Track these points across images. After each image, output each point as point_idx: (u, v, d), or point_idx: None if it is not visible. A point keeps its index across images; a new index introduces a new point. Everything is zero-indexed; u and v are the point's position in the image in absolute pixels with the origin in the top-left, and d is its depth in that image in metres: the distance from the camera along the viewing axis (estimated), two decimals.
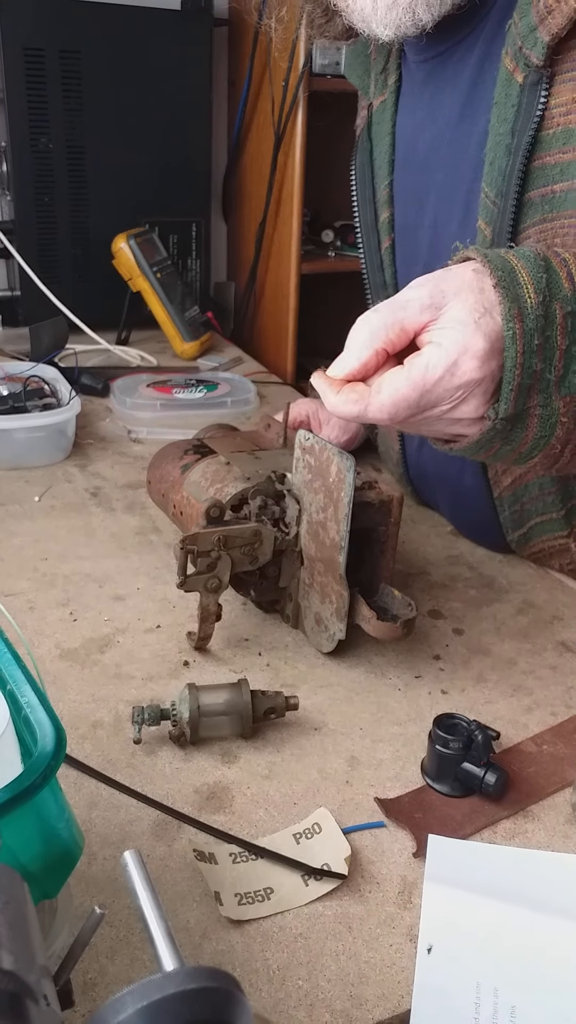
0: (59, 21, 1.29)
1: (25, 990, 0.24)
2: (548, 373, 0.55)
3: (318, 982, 0.43)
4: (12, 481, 0.93)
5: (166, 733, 0.57)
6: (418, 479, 0.93)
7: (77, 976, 0.42)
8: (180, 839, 0.51)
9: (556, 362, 0.55)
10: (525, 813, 0.54)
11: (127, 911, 0.46)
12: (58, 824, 0.33)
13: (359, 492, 0.63)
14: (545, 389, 0.55)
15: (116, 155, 1.39)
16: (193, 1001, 0.23)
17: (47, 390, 1.04)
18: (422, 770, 0.57)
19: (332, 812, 0.53)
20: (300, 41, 1.38)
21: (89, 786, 0.53)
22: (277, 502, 0.67)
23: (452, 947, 0.45)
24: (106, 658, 0.66)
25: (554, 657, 0.70)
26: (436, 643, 0.70)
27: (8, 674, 0.37)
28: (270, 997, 0.43)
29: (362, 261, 0.92)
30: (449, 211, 0.76)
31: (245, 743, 0.58)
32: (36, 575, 0.76)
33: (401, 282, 0.84)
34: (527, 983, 0.43)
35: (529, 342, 0.53)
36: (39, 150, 1.34)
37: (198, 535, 0.62)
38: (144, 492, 0.89)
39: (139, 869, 0.29)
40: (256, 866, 0.49)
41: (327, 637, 0.66)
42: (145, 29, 1.35)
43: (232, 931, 0.46)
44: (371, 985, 0.44)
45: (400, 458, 0.94)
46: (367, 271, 0.91)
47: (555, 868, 0.50)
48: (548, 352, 0.54)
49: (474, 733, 0.54)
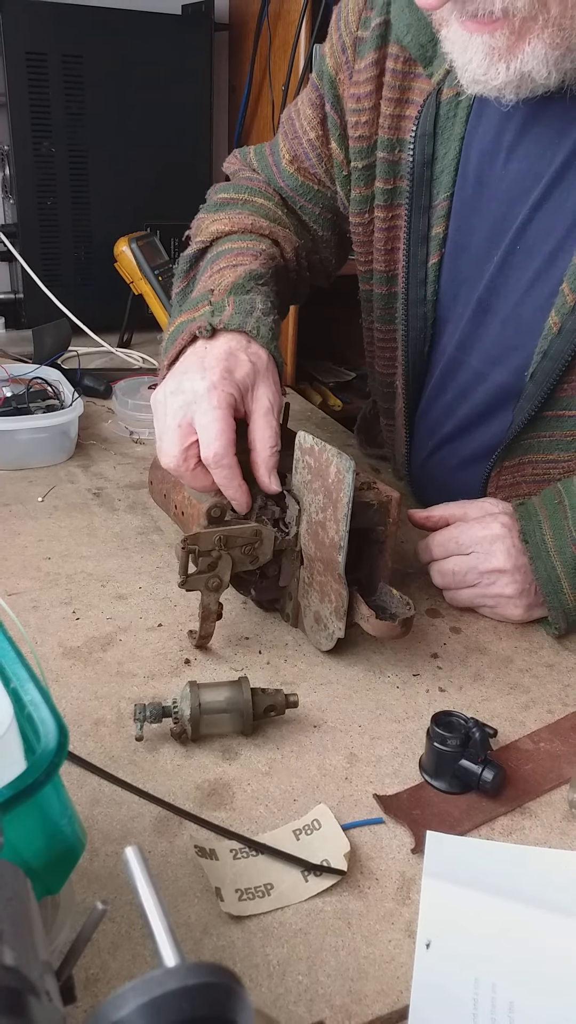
0: (61, 26, 1.29)
1: (27, 986, 0.25)
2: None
3: (318, 977, 0.44)
4: (16, 481, 0.94)
5: (167, 730, 0.58)
6: (419, 484, 0.94)
7: (79, 972, 0.43)
8: (181, 835, 0.51)
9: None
10: (522, 810, 0.55)
11: (129, 907, 0.46)
12: (61, 821, 0.34)
13: (358, 492, 0.63)
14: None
15: (118, 158, 1.40)
16: (194, 996, 0.23)
17: (50, 392, 1.05)
18: (420, 767, 0.57)
19: (331, 808, 0.53)
20: (300, 44, 1.38)
21: (91, 783, 0.53)
22: (277, 502, 0.67)
23: (450, 943, 0.45)
24: (108, 656, 0.66)
25: (551, 655, 0.70)
26: (434, 641, 0.71)
27: (11, 672, 0.38)
28: (270, 992, 0.43)
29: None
30: (527, 256, 0.73)
31: (245, 740, 0.59)
32: (39, 574, 0.77)
33: (443, 303, 0.82)
34: (525, 979, 0.44)
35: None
36: (41, 154, 1.35)
37: (199, 535, 0.63)
38: (146, 492, 0.90)
39: (141, 865, 0.29)
40: (256, 862, 0.49)
41: (326, 636, 0.66)
42: (146, 34, 1.35)
43: (232, 927, 0.46)
44: (370, 980, 0.44)
45: (405, 460, 0.94)
46: (406, 284, 0.83)
47: (552, 864, 0.51)
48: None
49: (472, 730, 0.55)
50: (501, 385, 0.78)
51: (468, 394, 0.82)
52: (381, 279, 0.86)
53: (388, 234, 0.83)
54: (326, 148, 0.87)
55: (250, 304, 0.70)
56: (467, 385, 0.82)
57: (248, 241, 0.82)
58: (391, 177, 0.80)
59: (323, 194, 0.90)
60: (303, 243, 0.90)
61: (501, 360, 0.77)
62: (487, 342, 0.78)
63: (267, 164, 0.93)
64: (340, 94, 0.83)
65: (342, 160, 0.85)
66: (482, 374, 0.80)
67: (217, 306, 0.70)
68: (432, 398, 0.87)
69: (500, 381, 0.78)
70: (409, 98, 0.77)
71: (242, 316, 0.69)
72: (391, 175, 0.80)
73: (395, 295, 0.86)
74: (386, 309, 0.88)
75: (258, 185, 0.91)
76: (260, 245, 0.82)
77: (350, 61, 0.80)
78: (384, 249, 0.84)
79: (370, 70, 0.78)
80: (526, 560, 0.70)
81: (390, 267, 0.85)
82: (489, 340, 0.78)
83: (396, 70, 0.77)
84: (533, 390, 0.74)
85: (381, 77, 0.78)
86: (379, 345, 0.91)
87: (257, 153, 0.95)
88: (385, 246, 0.84)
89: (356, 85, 0.80)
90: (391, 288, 0.86)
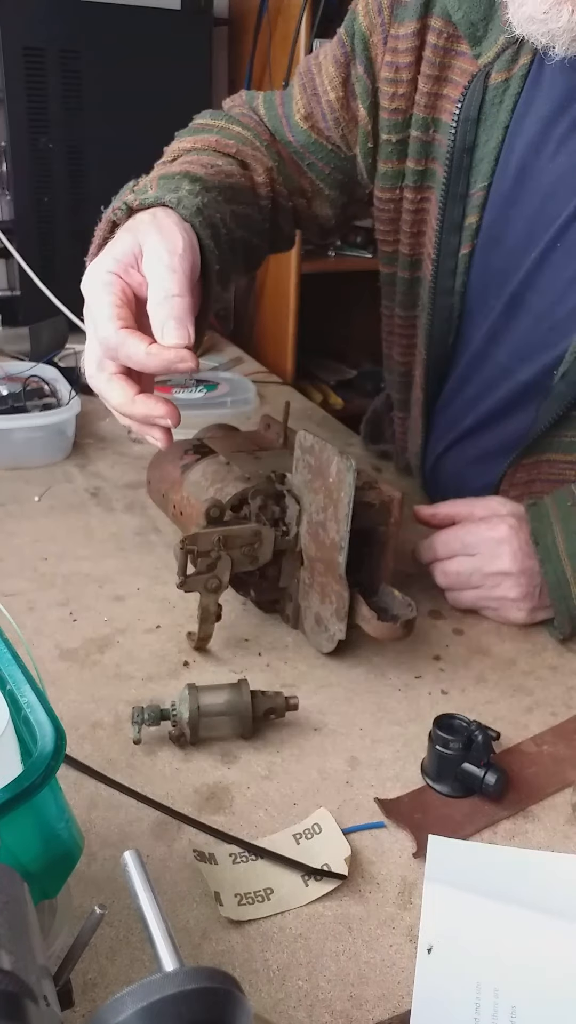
0: (59, 21, 1.29)
1: (25, 990, 0.24)
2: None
3: (318, 982, 0.43)
4: (12, 481, 0.93)
5: (166, 733, 0.57)
6: (432, 478, 0.93)
7: (77, 976, 0.42)
8: (180, 839, 0.51)
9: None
10: (525, 813, 0.54)
11: (127, 911, 0.46)
12: (58, 824, 0.33)
13: (359, 492, 0.63)
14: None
15: (115, 154, 1.39)
16: (193, 1001, 0.23)
17: (47, 390, 1.04)
18: (422, 770, 0.57)
19: (332, 812, 0.53)
20: (300, 39, 1.38)
21: (89, 786, 0.53)
22: (277, 502, 0.67)
23: (452, 948, 0.45)
24: (106, 658, 0.66)
25: (554, 657, 0.70)
26: (436, 643, 0.70)
27: (8, 674, 0.37)
28: (270, 997, 0.43)
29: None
30: (568, 254, 0.71)
31: (245, 743, 0.58)
32: (36, 575, 0.76)
33: (472, 295, 0.79)
34: (527, 984, 0.43)
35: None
36: (39, 150, 1.34)
37: (198, 535, 0.62)
38: (144, 492, 0.89)
39: (139, 869, 0.29)
40: (256, 866, 0.49)
41: (327, 637, 0.66)
42: (145, 29, 1.35)
43: (232, 931, 0.46)
44: (371, 985, 0.43)
45: (420, 453, 0.93)
46: (435, 272, 0.79)
47: (555, 869, 0.50)
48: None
49: (474, 733, 0.54)
50: (527, 382, 0.77)
51: (493, 389, 0.81)
52: (405, 263, 0.83)
53: (416, 216, 0.80)
54: (347, 112, 0.81)
55: (175, 185, 0.64)
56: (492, 380, 0.81)
57: (204, 156, 0.77)
58: (423, 158, 0.77)
59: (335, 155, 0.85)
60: (278, 168, 0.85)
61: (531, 357, 0.76)
62: (517, 338, 0.77)
63: (276, 115, 0.87)
64: (373, 57, 0.77)
65: (368, 127, 0.80)
66: (509, 369, 0.79)
67: (139, 191, 0.66)
68: (454, 390, 0.86)
69: (527, 378, 0.77)
70: (448, 76, 0.73)
71: (163, 192, 0.63)
72: (423, 155, 0.77)
73: (419, 280, 0.84)
74: (408, 294, 0.85)
75: (245, 120, 0.86)
76: (216, 161, 0.76)
77: (386, 23, 0.75)
78: (410, 232, 0.81)
79: (411, 40, 0.74)
80: (533, 563, 0.69)
81: (415, 251, 0.82)
82: (520, 336, 0.77)
83: (437, 45, 0.72)
84: (563, 389, 0.73)
85: (421, 50, 0.74)
86: (399, 332, 0.89)
87: (266, 101, 0.89)
88: (411, 228, 0.81)
89: (394, 53, 0.75)
90: (415, 273, 0.84)
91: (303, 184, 0.88)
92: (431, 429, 0.90)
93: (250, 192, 0.80)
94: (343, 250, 1.62)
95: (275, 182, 0.84)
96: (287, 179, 0.87)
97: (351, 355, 2.01)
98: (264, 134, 0.86)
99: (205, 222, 0.63)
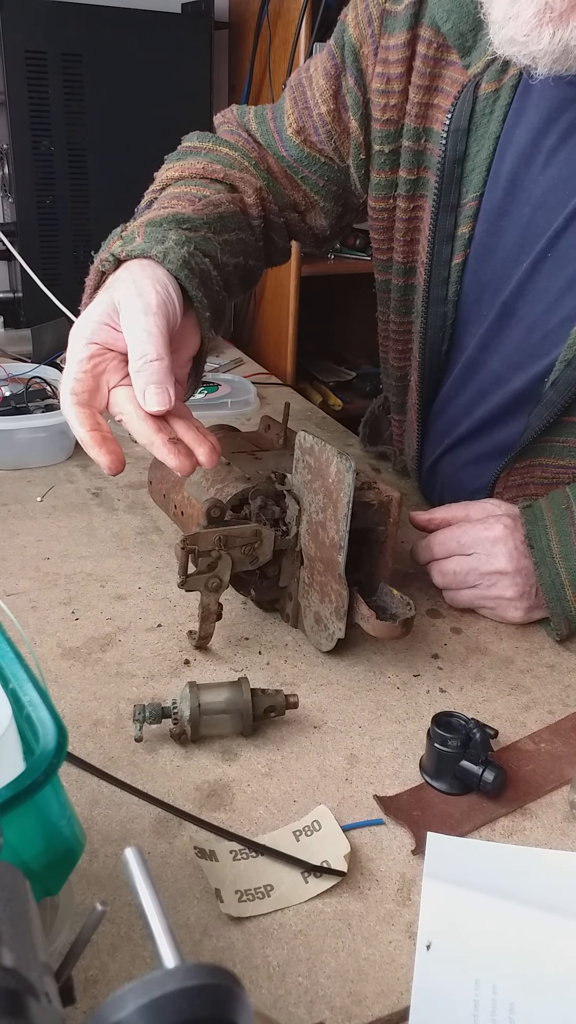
0: (61, 24, 1.29)
1: (26, 987, 0.24)
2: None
3: (318, 979, 0.44)
4: (14, 481, 0.94)
5: (167, 731, 0.58)
6: (428, 481, 0.93)
7: (78, 973, 0.42)
8: (181, 836, 0.51)
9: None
10: (523, 811, 0.55)
11: (128, 908, 0.46)
12: (60, 822, 0.34)
13: (358, 492, 0.63)
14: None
15: (117, 157, 1.40)
16: (194, 998, 0.23)
17: (49, 391, 1.05)
18: (421, 768, 0.57)
19: (332, 809, 0.53)
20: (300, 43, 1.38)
21: (91, 784, 0.53)
22: (277, 502, 0.67)
23: (451, 944, 0.45)
24: (107, 657, 0.66)
25: (552, 656, 0.70)
26: (435, 642, 0.71)
27: (10, 672, 0.38)
28: (270, 994, 0.43)
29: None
30: (559, 264, 0.71)
31: (245, 741, 0.59)
32: (38, 574, 0.76)
33: (465, 303, 0.79)
34: (526, 980, 0.44)
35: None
36: (41, 152, 1.35)
37: (199, 535, 0.62)
38: (145, 492, 0.90)
39: (140, 866, 0.29)
40: (256, 863, 0.49)
41: (326, 636, 0.66)
42: (146, 32, 1.36)
43: (232, 928, 0.46)
44: (370, 982, 0.44)
45: (415, 456, 0.94)
46: (428, 281, 0.80)
47: (553, 865, 0.51)
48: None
49: (472, 731, 0.55)
50: (520, 389, 0.78)
51: (487, 396, 0.82)
52: (400, 270, 0.84)
53: (409, 225, 0.81)
54: (338, 124, 0.82)
55: (162, 235, 0.65)
56: (486, 387, 0.81)
57: (192, 187, 0.77)
58: (415, 167, 0.78)
59: (329, 167, 0.85)
60: (268, 186, 0.85)
61: (523, 365, 0.77)
62: (510, 346, 0.78)
63: (268, 130, 0.87)
64: (364, 68, 0.78)
65: (360, 139, 0.80)
66: (502, 377, 0.79)
67: (127, 238, 0.66)
68: (449, 396, 0.86)
69: (519, 386, 0.78)
70: (439, 87, 0.74)
71: (150, 244, 0.63)
72: (416, 165, 0.78)
73: (413, 287, 0.84)
74: (403, 301, 0.86)
75: (233, 139, 0.86)
76: (204, 191, 0.77)
77: (376, 35, 0.76)
78: (404, 240, 0.82)
79: (401, 51, 0.74)
80: (528, 563, 0.70)
81: (409, 259, 0.83)
82: (512, 344, 0.77)
83: (427, 55, 0.73)
84: (554, 397, 0.73)
85: (411, 60, 0.74)
86: (394, 337, 0.90)
87: (258, 116, 0.89)
88: (405, 237, 0.81)
89: (384, 64, 0.76)
90: (409, 280, 0.84)
91: (296, 197, 0.89)
92: (427, 433, 0.91)
93: (241, 216, 0.80)
94: (342, 253, 1.62)
95: (265, 201, 0.85)
96: (278, 195, 0.87)
97: (350, 357, 2.01)
98: (253, 151, 0.87)
99: (193, 273, 0.64)
